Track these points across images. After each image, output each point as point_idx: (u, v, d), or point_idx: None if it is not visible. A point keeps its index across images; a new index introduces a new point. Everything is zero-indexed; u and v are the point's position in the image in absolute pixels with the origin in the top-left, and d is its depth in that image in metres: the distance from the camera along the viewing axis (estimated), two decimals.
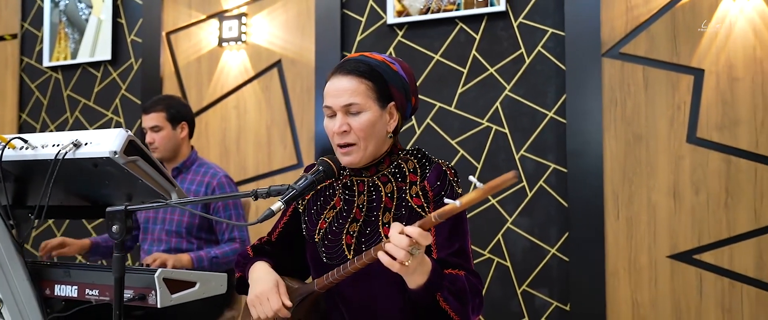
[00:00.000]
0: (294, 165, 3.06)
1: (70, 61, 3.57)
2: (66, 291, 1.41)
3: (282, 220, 1.46)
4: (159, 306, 1.29)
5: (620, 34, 2.50)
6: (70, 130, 3.59)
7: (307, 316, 1.31)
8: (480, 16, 2.71)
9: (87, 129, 3.56)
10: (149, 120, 2.30)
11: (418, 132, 2.82)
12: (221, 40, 3.17)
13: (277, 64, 3.12)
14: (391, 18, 2.82)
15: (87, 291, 1.38)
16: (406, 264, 1.07)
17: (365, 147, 1.29)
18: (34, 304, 1.42)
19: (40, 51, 3.70)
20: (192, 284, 1.36)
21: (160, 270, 1.28)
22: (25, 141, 1.38)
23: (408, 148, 1.39)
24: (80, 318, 1.44)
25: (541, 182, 2.59)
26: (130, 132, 1.31)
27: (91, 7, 3.54)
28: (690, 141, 2.39)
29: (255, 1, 3.17)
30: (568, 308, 2.51)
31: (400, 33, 2.86)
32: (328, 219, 1.35)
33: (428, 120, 2.79)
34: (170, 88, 3.34)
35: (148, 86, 3.35)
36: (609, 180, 2.48)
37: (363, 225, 1.31)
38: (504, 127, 2.67)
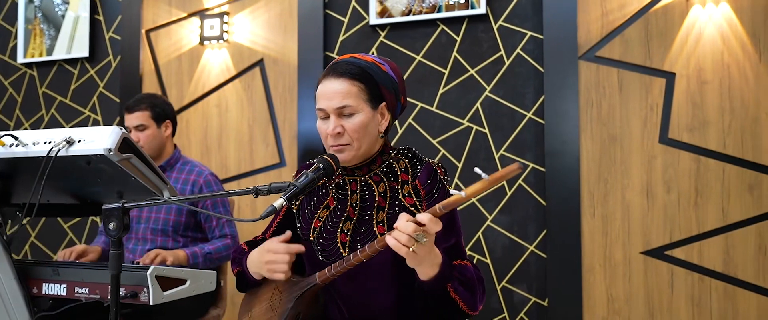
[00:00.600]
0: (276, 164, 3.07)
1: (45, 58, 3.51)
2: (54, 289, 1.40)
3: (276, 219, 1.48)
4: (151, 303, 1.28)
5: (596, 37, 2.58)
6: (45, 128, 3.53)
7: (308, 309, 1.33)
8: (461, 19, 2.76)
9: (64, 127, 3.50)
10: (133, 119, 2.29)
11: (400, 131, 2.86)
12: (203, 39, 3.16)
13: (259, 63, 3.12)
14: (373, 19, 2.86)
15: (76, 289, 1.38)
16: (412, 249, 1.09)
17: (359, 147, 1.31)
18: (21, 303, 1.40)
19: (15, 47, 3.63)
20: (183, 281, 1.36)
21: (152, 267, 1.28)
22: (16, 138, 1.37)
23: (398, 147, 1.42)
24: (67, 317, 1.43)
25: (520, 181, 2.66)
26: (123, 129, 1.31)
27: (67, 3, 3.48)
28: (662, 141, 2.48)
29: None
30: (545, 303, 2.58)
31: (383, 34, 2.89)
32: (322, 218, 1.38)
33: (410, 120, 2.84)
34: (150, 86, 3.32)
35: (127, 84, 3.31)
36: (585, 179, 2.56)
37: (357, 223, 1.34)
38: (484, 127, 2.72)
